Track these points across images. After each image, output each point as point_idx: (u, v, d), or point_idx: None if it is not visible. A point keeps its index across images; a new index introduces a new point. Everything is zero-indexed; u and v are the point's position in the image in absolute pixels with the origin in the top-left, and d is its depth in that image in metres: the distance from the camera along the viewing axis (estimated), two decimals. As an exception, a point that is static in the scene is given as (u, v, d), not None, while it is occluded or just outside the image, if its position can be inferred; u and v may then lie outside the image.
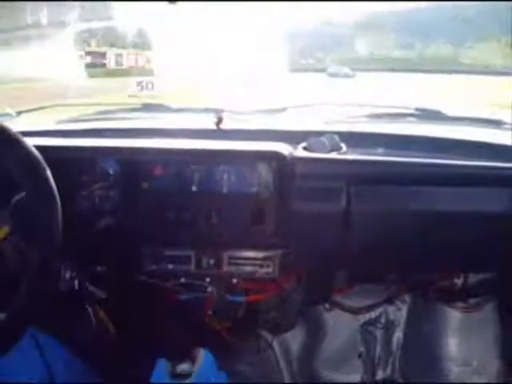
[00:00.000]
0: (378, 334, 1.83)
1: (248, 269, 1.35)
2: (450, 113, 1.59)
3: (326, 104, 1.61)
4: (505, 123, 1.53)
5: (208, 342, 1.61)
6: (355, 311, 1.81)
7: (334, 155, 1.32)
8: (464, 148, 1.38)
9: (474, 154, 1.34)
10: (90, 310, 1.44)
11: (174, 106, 1.69)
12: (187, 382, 1.15)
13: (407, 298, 1.82)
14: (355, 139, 1.40)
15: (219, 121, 1.45)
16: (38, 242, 0.93)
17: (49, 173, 0.97)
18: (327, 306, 1.80)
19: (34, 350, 1.12)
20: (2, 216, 1.01)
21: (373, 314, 1.83)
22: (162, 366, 1.17)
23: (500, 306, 1.73)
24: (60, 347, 1.21)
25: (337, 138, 1.35)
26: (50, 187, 0.96)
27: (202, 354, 1.20)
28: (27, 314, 0.93)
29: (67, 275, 1.30)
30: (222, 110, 1.47)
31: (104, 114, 1.67)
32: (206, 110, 1.56)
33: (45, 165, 0.97)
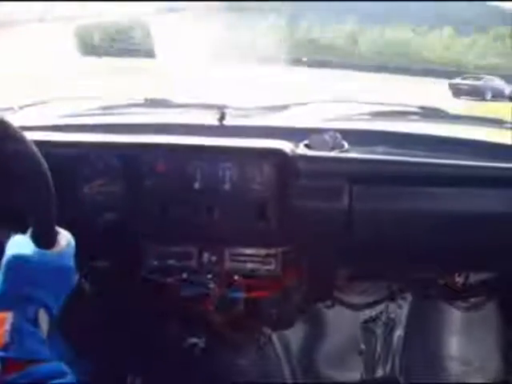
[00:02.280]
0: (379, 331, 1.83)
1: (249, 265, 1.35)
2: (453, 111, 1.59)
3: (328, 102, 1.61)
4: (507, 122, 1.53)
5: (208, 338, 1.62)
6: (356, 308, 1.81)
7: (336, 153, 1.32)
8: (466, 147, 1.38)
9: (476, 154, 1.34)
10: (90, 304, 1.44)
11: (177, 101, 1.68)
12: None
13: (408, 296, 1.82)
14: (357, 137, 1.40)
15: (222, 117, 1.45)
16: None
17: (47, 171, 0.97)
18: (328, 302, 1.80)
19: None
20: None
21: (374, 312, 1.83)
22: None
23: (501, 305, 1.73)
24: (59, 341, 1.21)
25: (339, 135, 1.35)
26: (47, 181, 0.96)
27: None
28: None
29: None
30: (224, 107, 1.47)
31: (106, 109, 1.67)
32: (209, 106, 1.55)
33: (43, 161, 0.97)
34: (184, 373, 1.63)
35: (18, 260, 0.83)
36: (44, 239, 0.87)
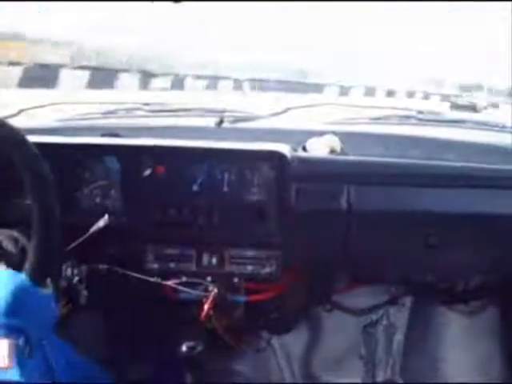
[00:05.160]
0: (379, 335, 1.82)
1: (249, 268, 1.35)
2: (450, 114, 1.59)
3: (326, 105, 1.62)
4: (504, 125, 1.53)
5: (208, 342, 1.62)
6: (356, 312, 1.81)
7: (334, 156, 1.32)
8: (463, 150, 1.38)
9: (474, 156, 1.34)
10: (89, 307, 1.44)
11: (176, 105, 1.69)
12: None
13: (408, 299, 1.81)
14: (356, 140, 1.40)
15: (221, 121, 1.45)
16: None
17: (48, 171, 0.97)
18: (328, 306, 1.80)
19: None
20: None
21: (374, 316, 1.82)
22: None
23: (501, 310, 1.73)
24: (62, 344, 1.21)
25: (337, 138, 1.35)
26: (48, 184, 0.96)
27: None
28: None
29: (68, 272, 1.30)
30: (223, 110, 1.47)
31: (105, 113, 1.67)
32: (208, 110, 1.56)
33: (45, 164, 0.98)
34: (183, 376, 1.63)
35: (14, 295, 0.88)
36: (41, 278, 0.92)
